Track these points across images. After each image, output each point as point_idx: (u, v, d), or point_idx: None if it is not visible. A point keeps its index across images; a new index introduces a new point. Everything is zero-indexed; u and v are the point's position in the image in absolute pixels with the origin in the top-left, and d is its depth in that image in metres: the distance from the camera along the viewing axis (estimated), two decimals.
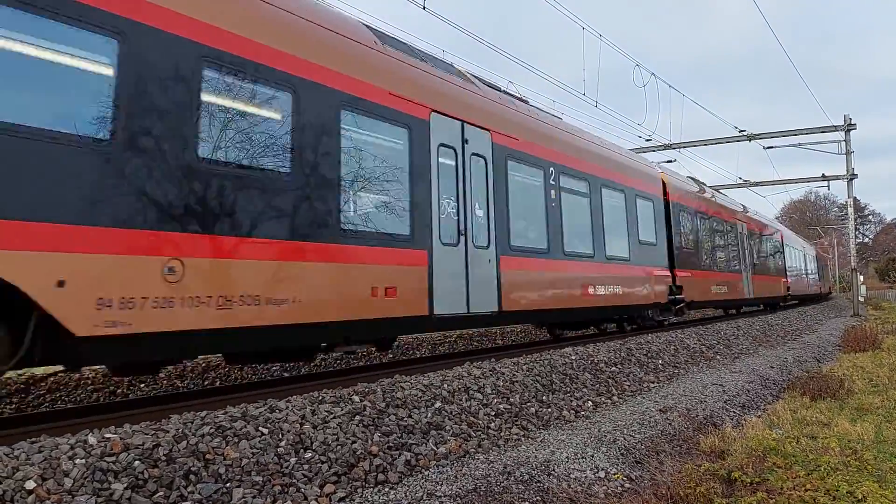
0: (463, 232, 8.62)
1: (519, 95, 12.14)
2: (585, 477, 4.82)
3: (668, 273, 15.19)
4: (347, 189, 6.99)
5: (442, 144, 8.49)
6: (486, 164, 9.38)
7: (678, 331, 13.77)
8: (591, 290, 11.48)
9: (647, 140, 27.72)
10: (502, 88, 11.55)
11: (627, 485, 4.84)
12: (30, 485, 3.27)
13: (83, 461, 3.54)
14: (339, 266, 6.72)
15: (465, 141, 8.93)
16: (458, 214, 8.61)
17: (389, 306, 7.25)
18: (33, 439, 3.90)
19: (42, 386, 8.82)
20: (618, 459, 5.31)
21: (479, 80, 10.64)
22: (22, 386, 8.62)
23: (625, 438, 5.80)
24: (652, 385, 8.58)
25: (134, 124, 5.06)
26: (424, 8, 12.98)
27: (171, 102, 5.36)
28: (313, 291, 6.40)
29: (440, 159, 8.44)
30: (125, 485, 3.46)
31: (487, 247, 9.12)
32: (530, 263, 10.03)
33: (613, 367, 8.74)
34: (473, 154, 9.10)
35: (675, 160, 24.56)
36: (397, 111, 7.75)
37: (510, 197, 9.79)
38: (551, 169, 10.96)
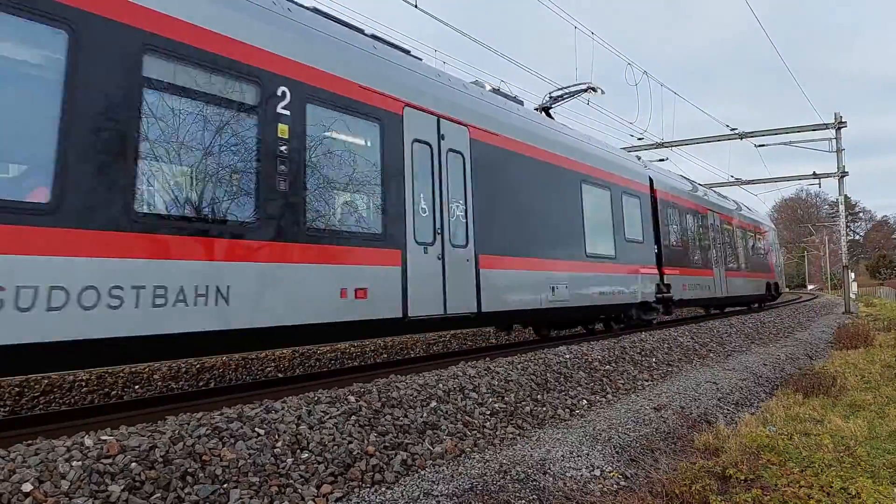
0: None
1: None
2: (581, 475, 4.84)
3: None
4: None
5: None
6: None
7: (671, 329, 13.83)
8: None
9: (640, 139, 27.86)
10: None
11: (623, 483, 4.87)
12: (26, 487, 3.27)
13: (80, 463, 3.53)
14: None
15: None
16: None
17: None
18: (29, 441, 3.90)
19: (36, 388, 8.78)
20: (613, 457, 5.34)
21: None
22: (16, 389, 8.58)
23: (620, 437, 5.83)
24: (646, 383, 8.62)
25: None
26: (416, 6, 12.98)
27: None
28: None
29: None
30: (122, 486, 3.46)
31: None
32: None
33: (608, 366, 8.78)
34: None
35: (668, 158, 24.60)
36: None
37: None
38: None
